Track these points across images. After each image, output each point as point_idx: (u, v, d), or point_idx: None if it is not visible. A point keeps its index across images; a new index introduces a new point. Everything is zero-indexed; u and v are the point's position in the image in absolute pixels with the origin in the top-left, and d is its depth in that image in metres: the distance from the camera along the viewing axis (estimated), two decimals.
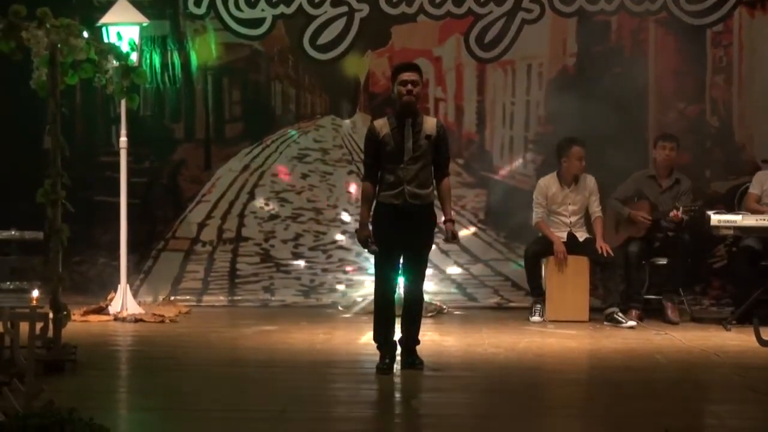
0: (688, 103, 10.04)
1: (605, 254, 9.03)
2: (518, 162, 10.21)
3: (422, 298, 7.05)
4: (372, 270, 7.12)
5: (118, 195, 9.32)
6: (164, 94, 10.22)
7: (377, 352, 6.86)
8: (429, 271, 7.11)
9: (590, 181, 9.32)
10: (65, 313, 7.14)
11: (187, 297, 10.10)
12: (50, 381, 5.86)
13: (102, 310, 9.23)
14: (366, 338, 7.76)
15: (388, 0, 10.09)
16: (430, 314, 9.22)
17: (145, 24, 9.48)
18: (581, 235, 9.27)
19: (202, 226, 10.30)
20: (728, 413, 5.80)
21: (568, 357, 7.75)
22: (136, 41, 9.24)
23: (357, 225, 7.08)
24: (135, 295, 9.61)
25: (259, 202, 10.25)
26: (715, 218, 8.63)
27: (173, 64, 10.20)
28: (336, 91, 10.30)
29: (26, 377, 5.04)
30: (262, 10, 10.15)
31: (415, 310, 6.94)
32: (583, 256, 9.17)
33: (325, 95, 10.32)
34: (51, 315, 6.58)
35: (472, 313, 9.69)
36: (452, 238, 6.94)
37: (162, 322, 9.05)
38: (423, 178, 6.78)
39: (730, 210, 9.07)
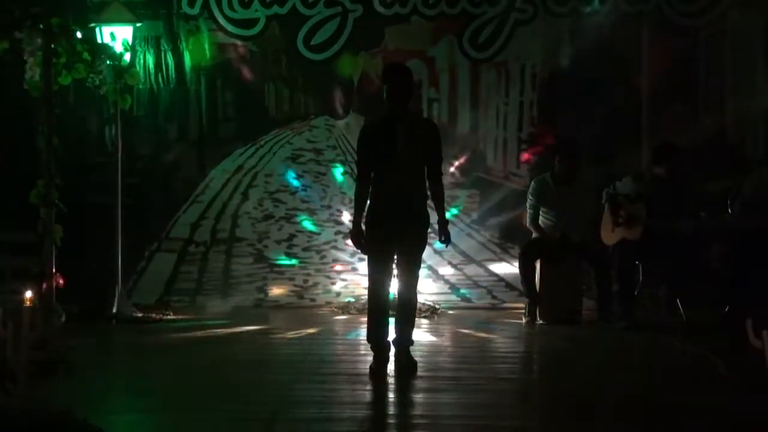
0: (681, 103, 10.05)
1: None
2: (511, 162, 10.23)
3: (416, 299, 7.04)
4: (365, 270, 7.11)
5: (111, 195, 9.30)
6: (157, 94, 10.20)
7: (370, 352, 6.86)
8: (422, 272, 7.10)
9: (584, 181, 9.32)
10: (58, 313, 7.16)
11: (181, 297, 10.09)
12: (43, 382, 5.85)
13: (96, 311, 9.21)
14: (359, 339, 7.76)
15: (381, 0, 10.09)
16: (423, 314, 9.23)
17: (138, 24, 9.47)
18: (575, 236, 9.27)
19: (195, 226, 10.29)
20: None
21: (561, 357, 7.76)
22: (130, 41, 9.24)
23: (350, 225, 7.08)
24: (129, 295, 9.60)
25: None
26: None
27: (167, 64, 10.19)
28: (329, 91, 10.30)
29: (19, 378, 5.03)
30: (256, 10, 10.15)
31: (408, 310, 6.93)
32: (577, 257, 9.17)
33: (318, 96, 10.32)
34: (44, 316, 6.57)
35: (465, 314, 9.69)
36: (446, 239, 6.94)
37: (155, 322, 9.04)
38: (416, 179, 6.78)
39: (724, 211, 9.07)
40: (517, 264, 9.50)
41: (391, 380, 6.67)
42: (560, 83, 10.08)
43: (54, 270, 7.98)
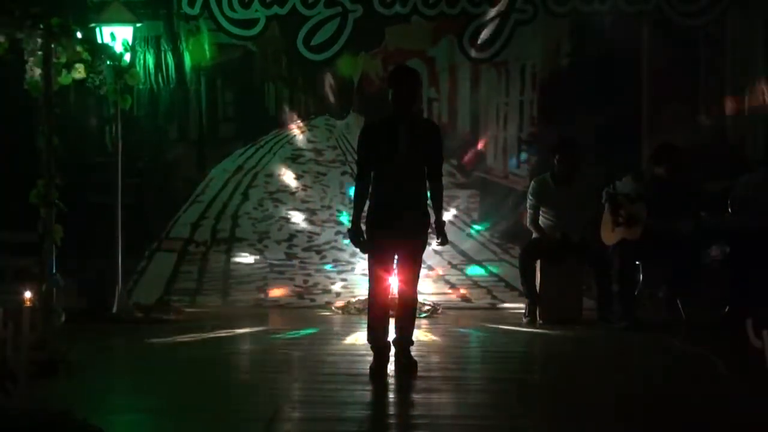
0: (681, 103, 10.05)
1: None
2: (511, 162, 10.24)
3: (416, 299, 7.03)
4: (366, 270, 7.10)
5: (112, 195, 9.30)
6: (157, 94, 10.21)
7: (370, 352, 6.86)
8: (422, 272, 7.09)
9: (584, 181, 9.32)
10: (58, 313, 7.14)
11: (181, 297, 10.09)
12: (43, 382, 5.85)
13: (96, 311, 9.21)
14: (359, 339, 7.76)
15: (381, 1, 10.09)
16: (423, 314, 9.23)
17: (138, 24, 9.48)
18: (575, 236, 9.26)
19: (195, 226, 10.29)
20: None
21: (560, 357, 7.76)
22: (130, 41, 9.24)
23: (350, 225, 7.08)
24: (129, 295, 9.60)
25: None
26: None
27: (167, 64, 10.20)
28: (329, 91, 10.30)
29: (19, 378, 5.03)
30: (256, 10, 10.15)
31: (408, 310, 6.93)
32: (577, 257, 9.17)
33: (318, 96, 10.32)
34: (44, 316, 6.57)
35: (465, 314, 9.69)
36: (443, 241, 6.93)
37: (156, 323, 9.03)
38: (416, 179, 6.78)
39: (724, 211, 9.07)
40: (517, 264, 9.50)
41: (391, 380, 6.66)
42: (560, 83, 10.09)
43: (54, 270, 7.97)
